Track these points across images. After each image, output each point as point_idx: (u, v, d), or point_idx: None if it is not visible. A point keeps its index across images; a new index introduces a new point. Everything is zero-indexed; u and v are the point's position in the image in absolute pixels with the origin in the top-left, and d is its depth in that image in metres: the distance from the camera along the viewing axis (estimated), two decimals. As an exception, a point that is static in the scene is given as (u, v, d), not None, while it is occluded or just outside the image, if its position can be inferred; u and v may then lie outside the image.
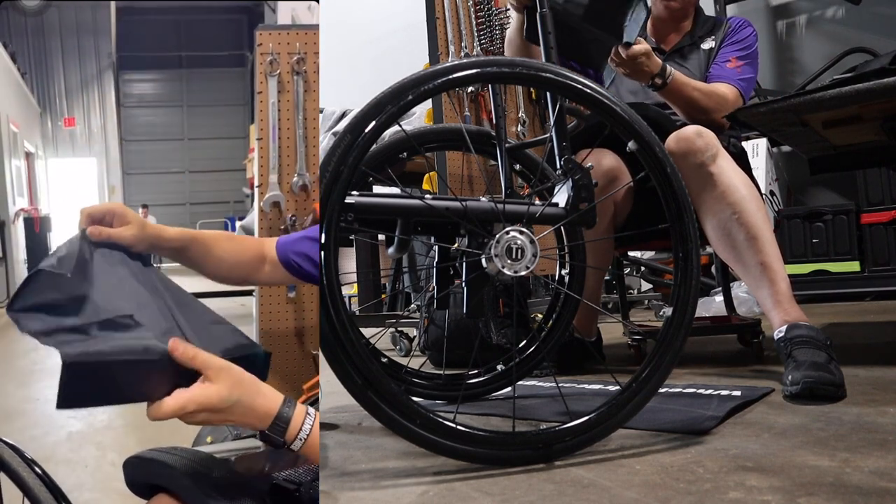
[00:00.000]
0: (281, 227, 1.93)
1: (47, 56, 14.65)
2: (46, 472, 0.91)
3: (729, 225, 1.61)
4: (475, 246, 1.15)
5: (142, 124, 15.77)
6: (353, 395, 1.03)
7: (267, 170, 1.92)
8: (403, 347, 2.86)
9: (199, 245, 1.07)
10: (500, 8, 2.81)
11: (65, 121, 14.27)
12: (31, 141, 9.11)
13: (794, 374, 1.36)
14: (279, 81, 1.90)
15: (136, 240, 0.95)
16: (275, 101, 1.90)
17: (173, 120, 16.17)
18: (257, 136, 1.94)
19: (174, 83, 16.26)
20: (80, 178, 13.30)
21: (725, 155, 1.67)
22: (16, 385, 2.79)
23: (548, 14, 1.37)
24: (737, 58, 1.96)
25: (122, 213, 0.95)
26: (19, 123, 7.69)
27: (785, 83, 4.33)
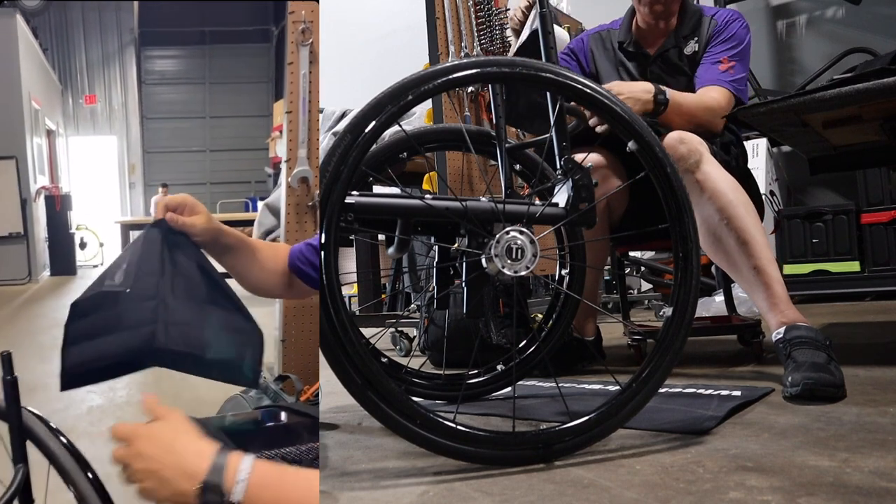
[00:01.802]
0: (309, 203, 1.87)
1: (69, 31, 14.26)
2: (71, 441, 0.92)
3: (719, 230, 1.61)
4: (475, 246, 1.15)
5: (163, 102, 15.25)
6: (353, 395, 1.03)
7: (296, 144, 1.84)
8: (403, 347, 2.86)
9: (248, 249, 1.08)
10: (500, 8, 2.82)
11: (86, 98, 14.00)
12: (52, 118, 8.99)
13: (794, 376, 1.35)
14: (311, 52, 1.81)
15: (204, 230, 0.99)
16: (305, 73, 1.82)
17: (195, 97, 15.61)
18: (286, 110, 1.86)
19: (197, 60, 15.62)
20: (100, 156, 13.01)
21: (711, 160, 1.65)
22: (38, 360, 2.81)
23: (548, 14, 1.37)
24: (728, 57, 1.90)
25: (194, 204, 1.00)
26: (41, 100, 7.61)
27: (785, 83, 4.33)
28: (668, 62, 2.00)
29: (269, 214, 2.76)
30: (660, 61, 2.01)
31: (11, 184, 6.36)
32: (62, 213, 6.96)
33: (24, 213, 6.46)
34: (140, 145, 14.70)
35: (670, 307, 1.15)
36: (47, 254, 6.87)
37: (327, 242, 1.02)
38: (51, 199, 6.95)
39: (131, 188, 14.15)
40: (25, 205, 6.49)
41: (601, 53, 2.12)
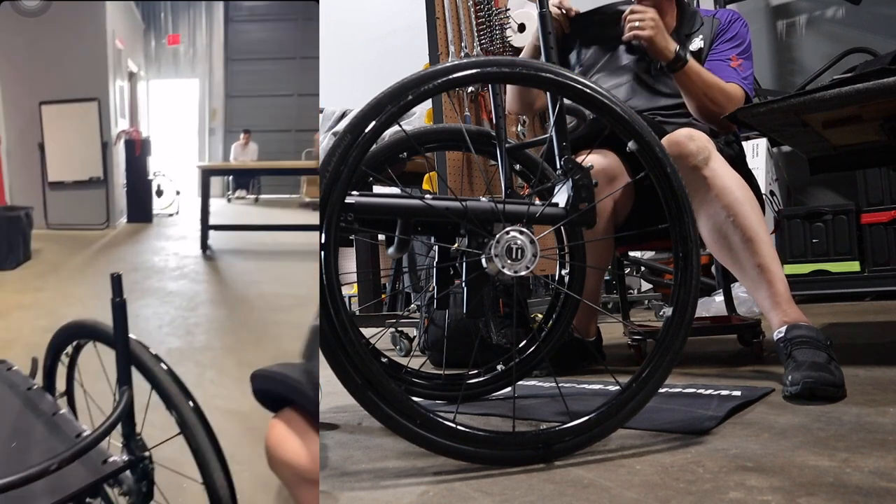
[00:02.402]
0: None
1: None
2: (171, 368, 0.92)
3: (724, 227, 1.61)
4: (475, 246, 1.15)
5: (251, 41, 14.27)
6: (353, 395, 1.03)
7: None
8: (403, 347, 2.86)
9: None
10: (500, 8, 2.82)
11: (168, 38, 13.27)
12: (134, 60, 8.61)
13: (794, 375, 1.35)
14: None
15: None
16: None
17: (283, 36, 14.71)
18: None
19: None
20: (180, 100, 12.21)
21: (719, 157, 1.66)
22: None
23: (548, 14, 1.37)
24: (736, 55, 1.94)
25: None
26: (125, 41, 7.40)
27: (785, 83, 4.33)
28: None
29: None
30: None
31: (93, 127, 6.09)
32: (141, 158, 6.70)
33: (105, 158, 6.19)
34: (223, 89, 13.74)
35: (670, 307, 1.15)
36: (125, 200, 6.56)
37: (327, 242, 1.02)
38: (131, 143, 6.64)
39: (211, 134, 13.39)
40: (106, 149, 6.20)
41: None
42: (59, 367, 1.12)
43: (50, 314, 2.74)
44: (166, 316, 2.73)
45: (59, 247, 4.72)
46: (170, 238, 5.33)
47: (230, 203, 9.67)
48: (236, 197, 10.19)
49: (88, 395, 1.10)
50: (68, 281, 3.57)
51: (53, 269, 3.95)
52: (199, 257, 4.27)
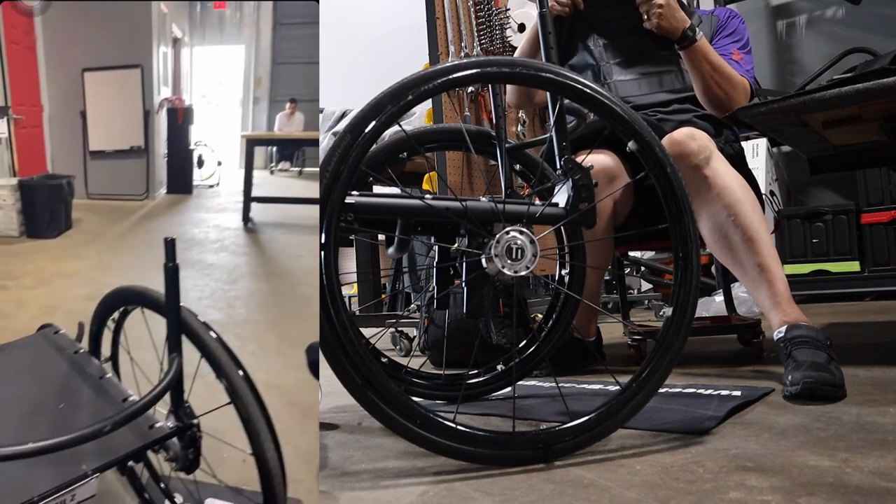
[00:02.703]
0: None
1: None
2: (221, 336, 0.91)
3: (725, 227, 1.61)
4: (475, 246, 1.15)
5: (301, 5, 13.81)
6: (353, 395, 1.03)
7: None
8: (403, 347, 2.86)
9: None
10: (500, 8, 2.82)
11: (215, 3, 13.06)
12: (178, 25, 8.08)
13: (794, 375, 1.36)
14: None
15: None
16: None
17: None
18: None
19: None
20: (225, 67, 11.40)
21: (720, 157, 1.66)
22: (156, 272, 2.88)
23: (548, 14, 1.37)
24: (737, 49, 1.96)
25: None
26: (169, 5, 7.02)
27: (785, 83, 4.33)
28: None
29: None
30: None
31: (135, 94, 5.87)
32: (183, 127, 6.42)
33: (146, 127, 5.98)
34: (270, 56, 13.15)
35: (670, 307, 1.15)
36: (165, 170, 6.32)
37: (327, 242, 1.02)
38: (173, 111, 6.36)
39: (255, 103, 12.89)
40: (148, 117, 5.98)
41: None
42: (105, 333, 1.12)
43: (90, 283, 2.74)
44: (206, 288, 2.68)
45: (99, 216, 4.70)
46: (210, 210, 5.19)
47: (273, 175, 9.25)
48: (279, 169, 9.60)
49: (134, 361, 1.10)
50: (108, 251, 3.56)
51: (94, 238, 3.94)
52: (240, 230, 4.17)
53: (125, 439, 0.86)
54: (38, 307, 2.46)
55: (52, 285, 2.78)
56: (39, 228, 4.03)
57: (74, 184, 4.50)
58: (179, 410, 0.91)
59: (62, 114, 5.48)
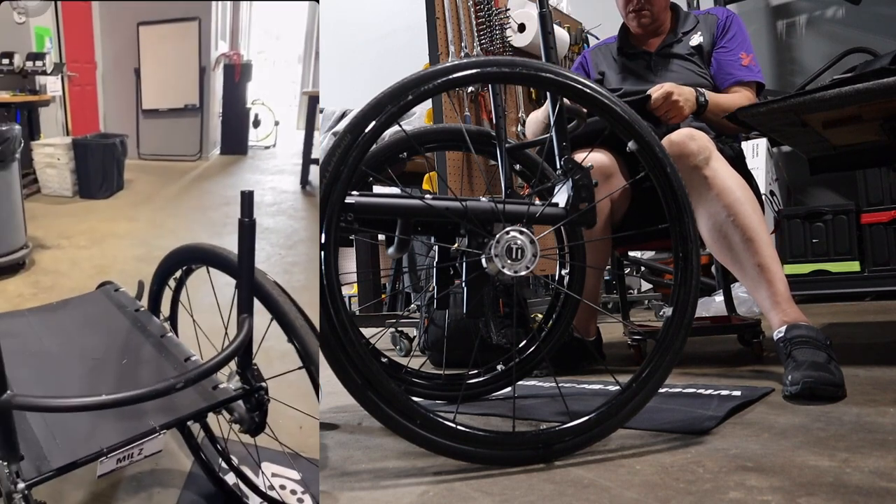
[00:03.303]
0: None
1: None
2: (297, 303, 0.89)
3: (725, 227, 1.61)
4: (475, 246, 1.15)
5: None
6: (353, 395, 1.03)
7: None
8: (403, 347, 2.86)
9: None
10: (500, 8, 2.82)
11: None
12: None
13: (794, 375, 1.36)
14: None
15: None
16: None
17: None
18: None
19: None
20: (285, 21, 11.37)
21: (719, 157, 1.67)
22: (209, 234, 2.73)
23: (548, 14, 1.37)
24: (745, 53, 2.00)
25: None
26: None
27: (785, 83, 4.33)
28: (674, 55, 2.06)
29: None
30: (664, 54, 2.07)
31: (192, 50, 5.54)
32: (240, 85, 6.08)
33: (202, 84, 5.66)
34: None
35: (670, 307, 1.15)
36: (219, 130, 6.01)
37: (327, 242, 1.02)
38: (230, 68, 6.01)
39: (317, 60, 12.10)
40: (203, 74, 5.65)
41: (603, 61, 2.20)
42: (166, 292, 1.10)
43: (143, 244, 2.74)
44: (262, 253, 2.61)
45: (152, 177, 4.64)
46: (266, 171, 5.02)
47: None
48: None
49: (196, 323, 1.07)
50: (160, 212, 3.54)
51: (146, 199, 3.92)
52: (297, 193, 4.03)
53: (190, 398, 0.85)
54: (92, 266, 2.46)
55: (105, 245, 2.79)
56: (92, 189, 4.03)
57: (127, 143, 4.44)
58: (248, 372, 0.89)
59: (116, 71, 5.30)
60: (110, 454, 0.76)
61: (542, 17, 1.38)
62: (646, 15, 2.05)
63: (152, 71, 5.45)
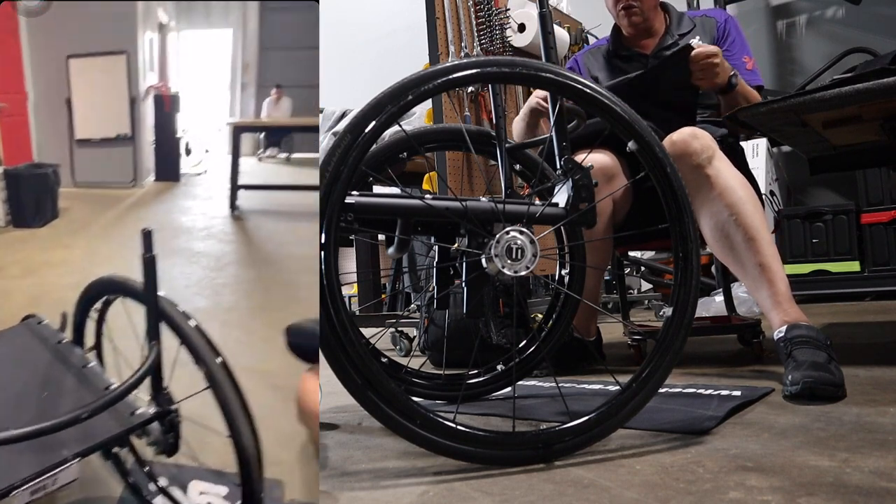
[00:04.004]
0: None
1: None
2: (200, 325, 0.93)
3: (727, 226, 1.61)
4: (475, 246, 1.15)
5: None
6: (353, 394, 1.03)
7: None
8: (403, 347, 2.86)
9: None
10: (500, 8, 2.82)
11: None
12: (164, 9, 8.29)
13: (794, 374, 1.36)
14: None
15: None
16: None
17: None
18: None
19: None
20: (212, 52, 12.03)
21: (722, 156, 1.67)
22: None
23: (548, 14, 1.37)
24: (747, 56, 1.99)
25: None
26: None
27: (785, 83, 4.33)
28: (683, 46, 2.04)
29: None
30: (661, 56, 2.04)
31: (121, 81, 5.88)
32: (170, 114, 6.45)
33: (133, 114, 5.99)
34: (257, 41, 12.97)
35: (670, 307, 1.15)
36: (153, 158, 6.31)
37: (327, 242, 1.02)
38: (160, 98, 6.40)
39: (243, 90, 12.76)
40: (134, 104, 6.00)
41: (595, 64, 2.18)
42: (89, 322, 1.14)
43: (78, 272, 2.73)
44: (193, 276, 2.70)
45: (87, 205, 4.68)
46: (198, 197, 5.20)
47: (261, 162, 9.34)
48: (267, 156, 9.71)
49: (117, 349, 1.12)
50: (96, 239, 3.56)
51: (81, 227, 3.93)
52: (227, 217, 4.19)
53: (107, 425, 0.89)
54: (25, 297, 2.45)
55: (40, 275, 2.76)
56: (26, 218, 4.00)
57: (61, 172, 4.46)
58: (159, 396, 0.94)
59: (47, 101, 5.42)
60: (23, 487, 0.79)
61: (542, 17, 1.38)
62: (636, 13, 2.02)
63: (84, 101, 5.65)
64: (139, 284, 0.96)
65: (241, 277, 2.80)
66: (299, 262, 3.06)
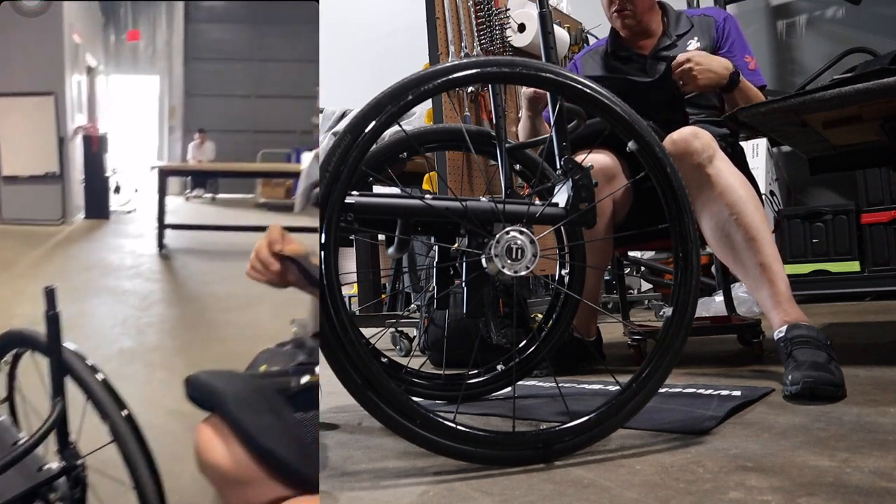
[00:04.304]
0: None
1: None
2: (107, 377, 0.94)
3: (727, 226, 1.61)
4: (475, 246, 1.15)
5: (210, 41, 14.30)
6: (353, 395, 1.03)
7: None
8: (403, 347, 2.86)
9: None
10: (500, 8, 2.82)
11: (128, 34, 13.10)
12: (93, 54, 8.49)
13: (795, 374, 1.36)
14: None
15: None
16: None
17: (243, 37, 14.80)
18: None
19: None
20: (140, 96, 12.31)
21: (722, 156, 1.66)
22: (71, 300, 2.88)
23: (548, 14, 1.37)
24: (749, 56, 1.98)
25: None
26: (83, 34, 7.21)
27: (785, 83, 4.33)
28: (671, 58, 2.02)
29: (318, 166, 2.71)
30: (659, 56, 2.05)
31: (49, 121, 6.12)
32: (98, 154, 6.70)
33: (61, 153, 6.22)
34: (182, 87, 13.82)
35: (670, 307, 1.15)
36: (82, 196, 6.57)
37: (327, 242, 1.02)
38: (88, 139, 6.67)
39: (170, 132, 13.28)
40: (62, 144, 6.23)
41: (594, 65, 2.18)
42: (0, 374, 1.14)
43: (1, 312, 2.72)
44: (120, 315, 2.77)
45: (14, 242, 4.73)
46: (127, 235, 5.37)
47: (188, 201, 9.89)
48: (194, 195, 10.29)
49: (28, 403, 1.12)
50: (22, 278, 3.56)
51: (7, 265, 3.93)
52: (154, 256, 4.34)
53: (14, 482, 0.89)
54: None
55: None
56: None
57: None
58: (65, 452, 0.94)
59: None
60: None
61: (542, 17, 1.38)
62: (628, 15, 2.02)
63: (11, 140, 5.79)
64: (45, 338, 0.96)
65: (166, 316, 2.88)
66: (223, 300, 3.18)
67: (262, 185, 8.61)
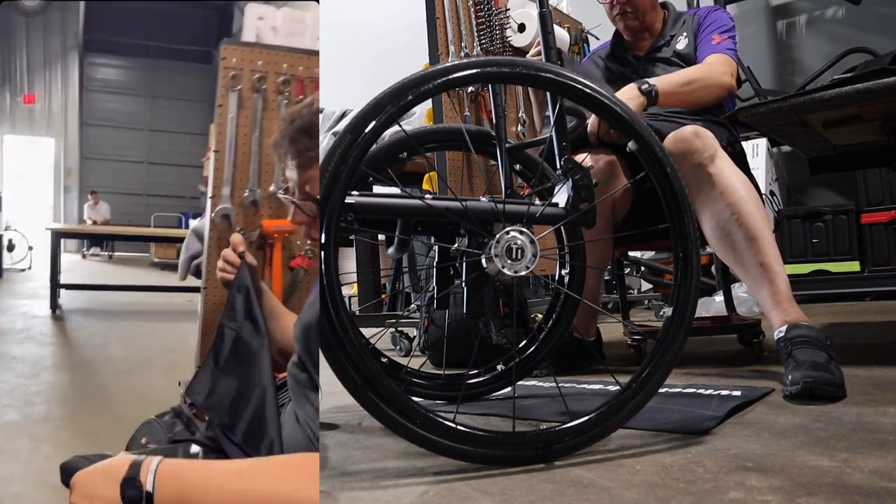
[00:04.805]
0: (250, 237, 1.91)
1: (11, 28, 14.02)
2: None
3: (728, 226, 1.61)
4: (475, 246, 1.15)
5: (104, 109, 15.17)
6: (353, 395, 1.03)
7: (220, 182, 1.88)
8: (403, 347, 2.86)
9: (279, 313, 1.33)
10: (500, 8, 2.81)
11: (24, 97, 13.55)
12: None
13: (794, 374, 1.36)
14: (240, 97, 1.88)
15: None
16: (234, 116, 1.87)
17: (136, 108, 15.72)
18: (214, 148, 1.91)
19: (140, 72, 15.78)
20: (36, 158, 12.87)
21: (724, 155, 1.66)
22: None
23: (548, 14, 1.37)
24: (718, 34, 1.97)
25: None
26: None
27: (785, 83, 4.33)
28: (660, 58, 2.06)
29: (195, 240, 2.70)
30: (651, 58, 2.07)
31: None
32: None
33: None
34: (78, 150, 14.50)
35: (670, 307, 1.15)
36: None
37: (327, 242, 1.02)
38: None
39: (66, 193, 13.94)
40: None
41: (595, 69, 2.20)
42: None
43: None
44: (7, 384, 2.71)
45: None
46: (20, 295, 5.39)
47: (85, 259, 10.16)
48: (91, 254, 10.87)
49: None
50: None
51: None
52: (47, 317, 4.30)
53: None
54: None
55: None
56: None
57: None
58: None
59: None
60: None
61: (542, 17, 1.38)
62: (629, 17, 2.04)
63: None
64: None
65: (55, 384, 2.82)
66: (117, 362, 3.15)
67: (156, 246, 9.26)
